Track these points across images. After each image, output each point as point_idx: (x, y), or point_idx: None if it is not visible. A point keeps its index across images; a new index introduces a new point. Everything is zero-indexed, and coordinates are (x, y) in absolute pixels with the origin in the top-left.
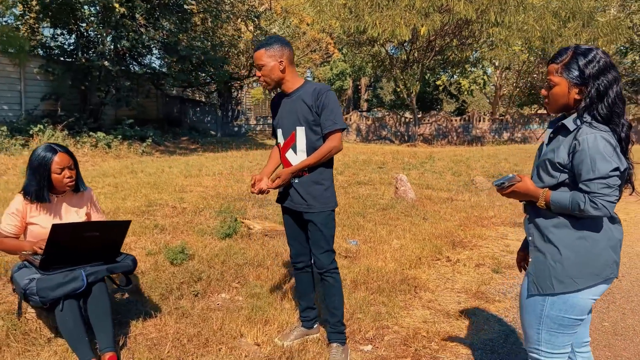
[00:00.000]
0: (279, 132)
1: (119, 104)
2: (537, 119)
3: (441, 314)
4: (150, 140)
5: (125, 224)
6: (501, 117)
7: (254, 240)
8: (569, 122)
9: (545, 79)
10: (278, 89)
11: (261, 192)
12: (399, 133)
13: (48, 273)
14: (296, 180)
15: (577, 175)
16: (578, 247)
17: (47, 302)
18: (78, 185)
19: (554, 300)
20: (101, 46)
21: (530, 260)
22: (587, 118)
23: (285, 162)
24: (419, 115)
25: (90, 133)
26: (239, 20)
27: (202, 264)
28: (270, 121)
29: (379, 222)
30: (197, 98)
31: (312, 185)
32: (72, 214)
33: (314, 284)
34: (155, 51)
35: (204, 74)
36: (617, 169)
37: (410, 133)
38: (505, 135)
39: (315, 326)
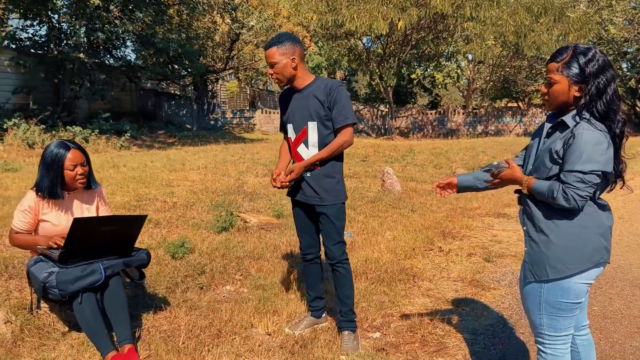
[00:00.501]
0: (290, 127)
1: (93, 98)
2: (510, 112)
3: (441, 301)
4: (129, 135)
5: (142, 219)
6: (475, 111)
7: (251, 233)
8: (568, 119)
9: (545, 77)
10: (289, 85)
11: (282, 186)
12: (375, 126)
13: (66, 266)
14: (308, 174)
15: (564, 165)
16: (568, 234)
17: (66, 295)
18: (90, 183)
19: (550, 286)
20: (75, 38)
21: (525, 249)
22: (586, 115)
23: (297, 157)
24: (395, 109)
25: (68, 127)
26: (215, 12)
27: (204, 257)
28: (247, 115)
29: (369, 214)
30: (172, 91)
31: (324, 178)
32: (82, 211)
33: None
34: (129, 44)
35: (180, 67)
36: (598, 171)
37: (386, 126)
38: (479, 128)
39: (323, 315)
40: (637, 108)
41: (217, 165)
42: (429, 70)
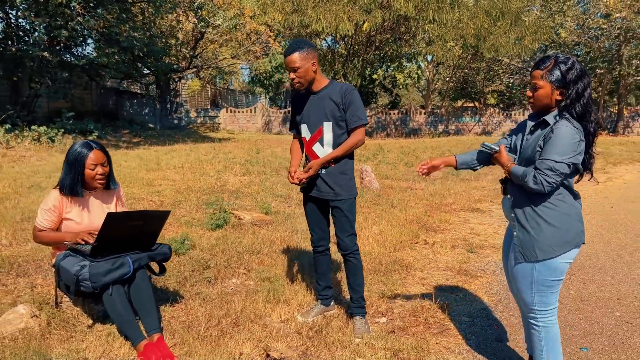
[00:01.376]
0: (304, 127)
1: (55, 96)
2: (469, 112)
3: (435, 289)
4: (96, 135)
5: (166, 214)
6: (436, 111)
7: (245, 229)
8: (549, 118)
9: (531, 83)
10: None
11: (300, 182)
12: None
13: (97, 260)
14: (324, 171)
15: (542, 155)
16: (555, 221)
17: (97, 288)
18: (109, 183)
19: (539, 267)
20: (35, 35)
21: (514, 234)
22: (566, 115)
23: (312, 155)
24: None
25: (33, 127)
26: (180, 10)
27: (205, 253)
28: (211, 114)
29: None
30: (134, 90)
31: (339, 175)
32: (103, 210)
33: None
34: (90, 41)
35: (144, 66)
36: (569, 162)
37: None
38: (440, 127)
39: (332, 304)
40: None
41: (193, 165)
42: (389, 70)
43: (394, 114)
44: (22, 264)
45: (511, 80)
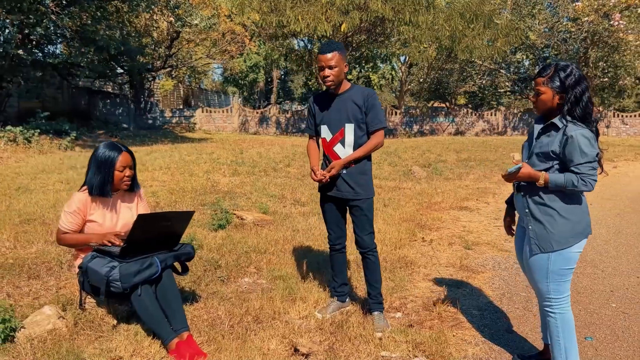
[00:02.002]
0: (325, 127)
1: (27, 96)
2: (443, 112)
3: (441, 284)
4: (74, 135)
5: (190, 214)
6: (411, 111)
7: (247, 230)
8: (557, 121)
9: (534, 89)
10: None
11: (322, 180)
12: None
13: (126, 261)
14: (344, 171)
15: (569, 161)
16: (569, 214)
17: (127, 288)
18: (133, 186)
19: (555, 256)
20: (6, 33)
21: (530, 228)
22: (569, 118)
23: (333, 155)
24: None
25: (8, 127)
26: (156, 9)
27: (214, 253)
28: (186, 114)
29: None
30: (107, 89)
31: (359, 175)
32: (126, 211)
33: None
34: (61, 40)
35: (118, 65)
36: (597, 154)
37: None
38: (415, 127)
39: (347, 300)
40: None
41: (179, 166)
42: (362, 71)
43: None
44: (32, 266)
45: (483, 82)
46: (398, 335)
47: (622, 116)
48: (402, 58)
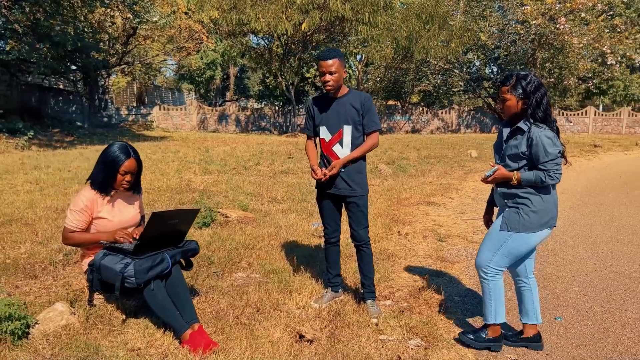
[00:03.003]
0: (324, 128)
1: None
2: (399, 111)
3: (423, 274)
4: (32, 134)
5: (196, 212)
6: None
7: (232, 227)
8: (522, 125)
9: (499, 97)
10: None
11: (322, 178)
12: (277, 124)
13: (139, 257)
14: (343, 170)
15: (536, 160)
16: (539, 205)
17: (141, 284)
18: (134, 189)
19: (516, 237)
20: None
21: (505, 210)
22: (532, 120)
23: (331, 154)
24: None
25: None
26: (113, 4)
27: (204, 249)
28: (143, 112)
29: None
30: (58, 86)
31: (356, 174)
32: (129, 209)
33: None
34: (9, 35)
35: (72, 62)
36: (560, 151)
37: (288, 124)
38: None
39: (340, 290)
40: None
41: (148, 165)
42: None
43: None
44: (26, 266)
45: (437, 81)
46: (392, 320)
47: (567, 114)
48: (358, 57)
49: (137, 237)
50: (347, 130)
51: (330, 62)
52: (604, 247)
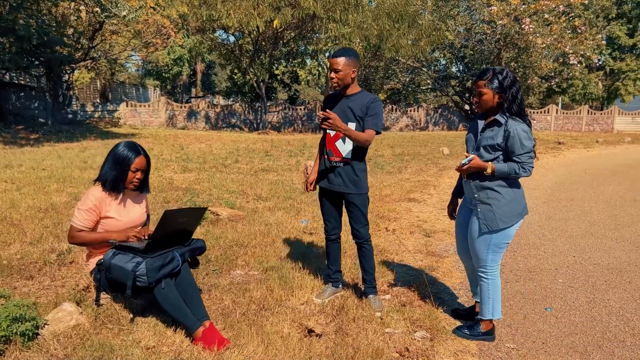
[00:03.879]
0: None
1: None
2: None
3: (416, 269)
4: None
5: (204, 211)
6: None
7: (223, 225)
8: (499, 117)
9: (476, 91)
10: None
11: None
12: (248, 121)
13: (150, 256)
14: (341, 165)
15: (511, 152)
16: (511, 198)
17: (153, 282)
18: (142, 187)
19: (498, 233)
20: None
21: (478, 210)
22: (508, 114)
23: (334, 150)
24: (258, 104)
25: None
26: None
27: None
28: (110, 108)
29: (310, 203)
30: (19, 82)
31: (354, 173)
32: (137, 208)
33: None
34: None
35: (36, 57)
36: (533, 145)
37: (259, 121)
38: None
39: (340, 286)
40: (473, 105)
41: None
42: (288, 66)
43: (301, 109)
44: (21, 267)
45: (406, 79)
46: (395, 314)
47: (530, 112)
48: (327, 55)
49: (147, 236)
50: (352, 127)
51: (337, 60)
52: (581, 241)
